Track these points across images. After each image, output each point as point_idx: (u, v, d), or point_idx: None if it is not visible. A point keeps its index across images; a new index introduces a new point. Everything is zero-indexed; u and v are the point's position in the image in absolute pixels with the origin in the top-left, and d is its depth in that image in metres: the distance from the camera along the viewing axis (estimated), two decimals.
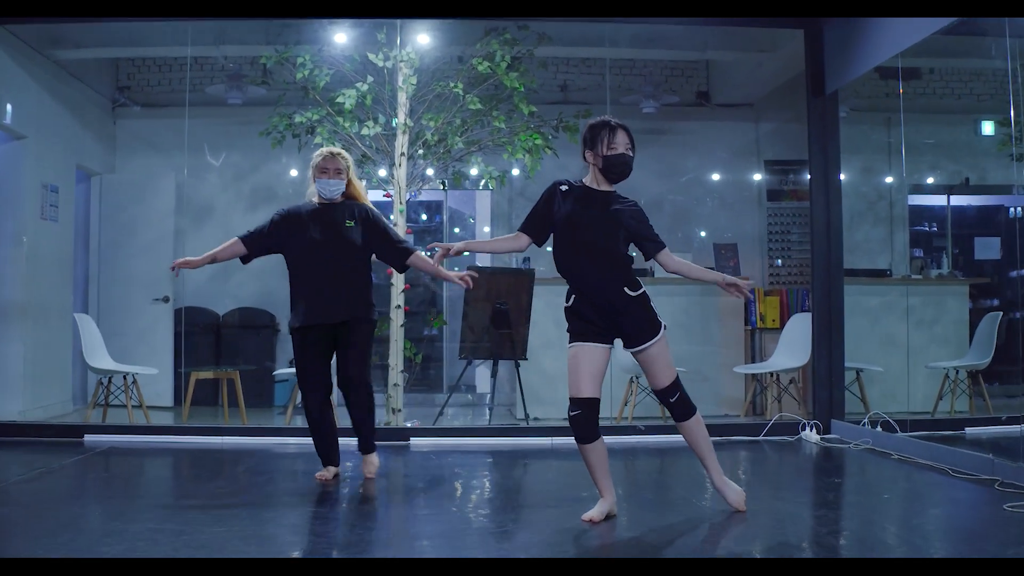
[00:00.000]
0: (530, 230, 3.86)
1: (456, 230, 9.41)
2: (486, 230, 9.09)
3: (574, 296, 3.75)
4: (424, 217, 9.41)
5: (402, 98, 6.45)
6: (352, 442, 4.82)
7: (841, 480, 5.03)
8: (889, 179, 8.76)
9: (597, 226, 3.71)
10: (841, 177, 6.72)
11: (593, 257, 3.71)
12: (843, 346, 6.52)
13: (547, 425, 6.62)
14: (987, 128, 8.54)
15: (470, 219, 9.45)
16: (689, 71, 8.95)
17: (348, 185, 4.73)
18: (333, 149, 4.74)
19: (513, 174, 8.02)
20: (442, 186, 7.01)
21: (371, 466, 4.78)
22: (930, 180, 8.82)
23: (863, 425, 6.07)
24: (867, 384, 7.02)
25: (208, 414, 7.22)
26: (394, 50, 6.43)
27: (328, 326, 4.63)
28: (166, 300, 8.12)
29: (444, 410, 7.37)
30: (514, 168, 7.78)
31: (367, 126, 6.38)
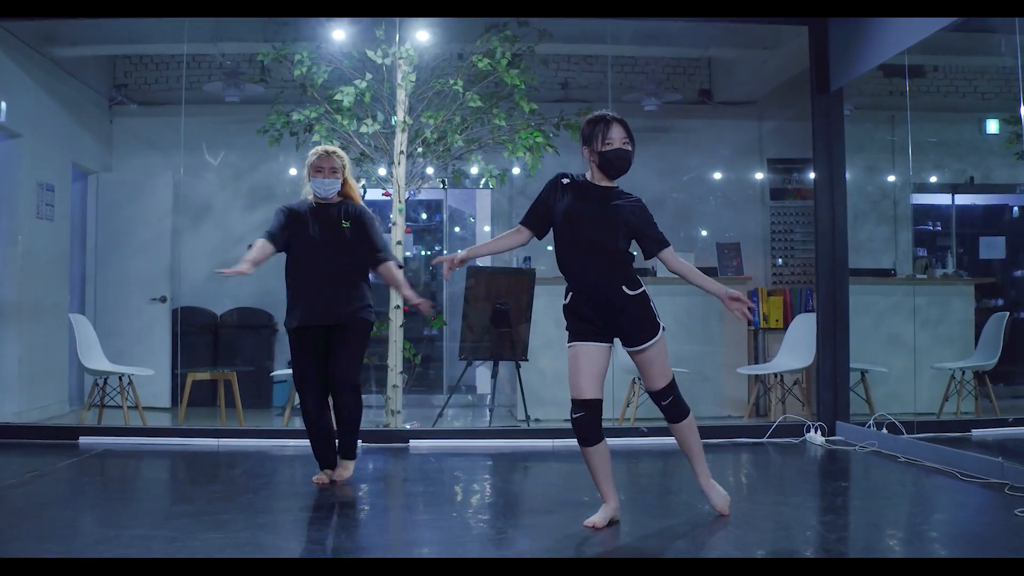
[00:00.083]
0: (530, 223, 3.81)
1: (456, 229, 9.33)
2: (486, 229, 9.01)
3: (572, 294, 3.68)
4: (424, 216, 9.33)
5: (401, 95, 6.37)
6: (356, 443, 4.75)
7: (847, 484, 4.94)
8: (891, 178, 8.68)
9: (596, 223, 3.64)
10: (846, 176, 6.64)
11: (591, 254, 3.63)
12: (848, 346, 6.44)
13: (548, 427, 6.56)
14: (992, 127, 8.48)
15: (470, 218, 9.37)
16: (691, 68, 8.88)
17: (343, 185, 4.66)
18: (328, 148, 4.67)
19: (514, 173, 7.95)
20: (442, 185, 6.93)
21: (346, 471, 4.69)
22: (934, 179, 8.75)
23: (868, 427, 5.99)
24: (871, 385, 6.95)
25: (206, 415, 7.14)
26: (393, 47, 6.35)
27: (326, 326, 4.57)
28: (163, 300, 8.06)
29: (444, 411, 7.30)
30: (515, 167, 7.71)
31: (366, 124, 6.30)
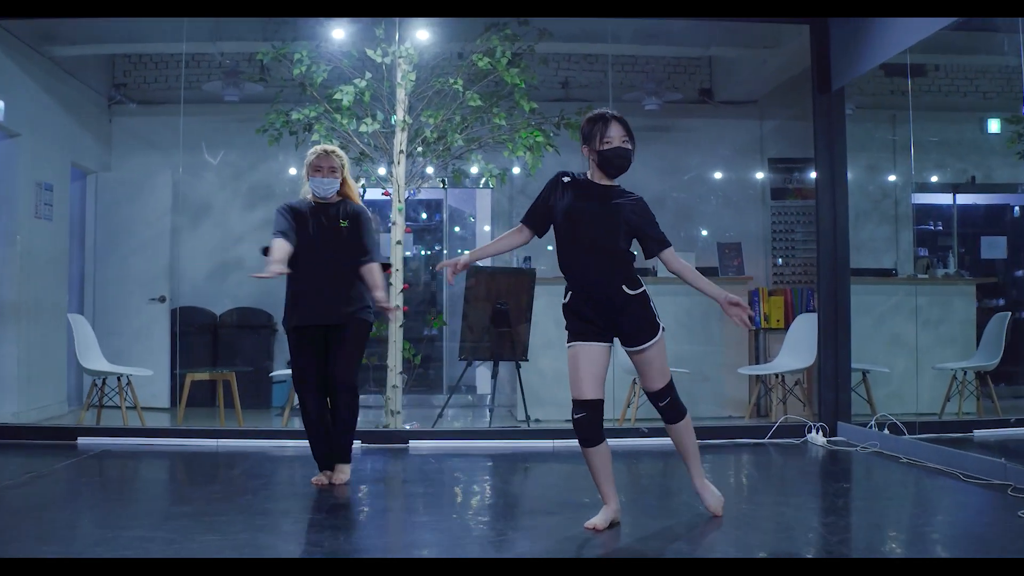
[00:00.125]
0: (530, 222, 3.79)
1: (456, 229, 9.31)
2: (486, 229, 8.98)
3: (572, 293, 3.66)
4: (424, 216, 9.30)
5: (401, 95, 6.34)
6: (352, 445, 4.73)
7: (849, 485, 4.92)
8: (892, 177, 8.66)
9: (596, 222, 3.61)
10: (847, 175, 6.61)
11: (592, 253, 3.61)
12: (849, 347, 6.42)
13: (548, 428, 6.53)
14: (993, 126, 8.45)
15: (470, 218, 9.34)
16: (692, 68, 8.85)
17: (342, 184, 4.64)
18: (327, 147, 4.64)
19: (514, 172, 7.92)
20: (442, 184, 6.90)
21: (343, 475, 4.64)
22: (935, 179, 8.72)
23: (870, 427, 5.97)
24: (872, 385, 6.92)
25: (205, 415, 7.12)
26: (393, 46, 6.32)
27: (325, 326, 4.55)
28: (162, 300, 8.03)
29: (444, 411, 7.27)
30: (515, 166, 7.68)
31: (365, 123, 6.27)
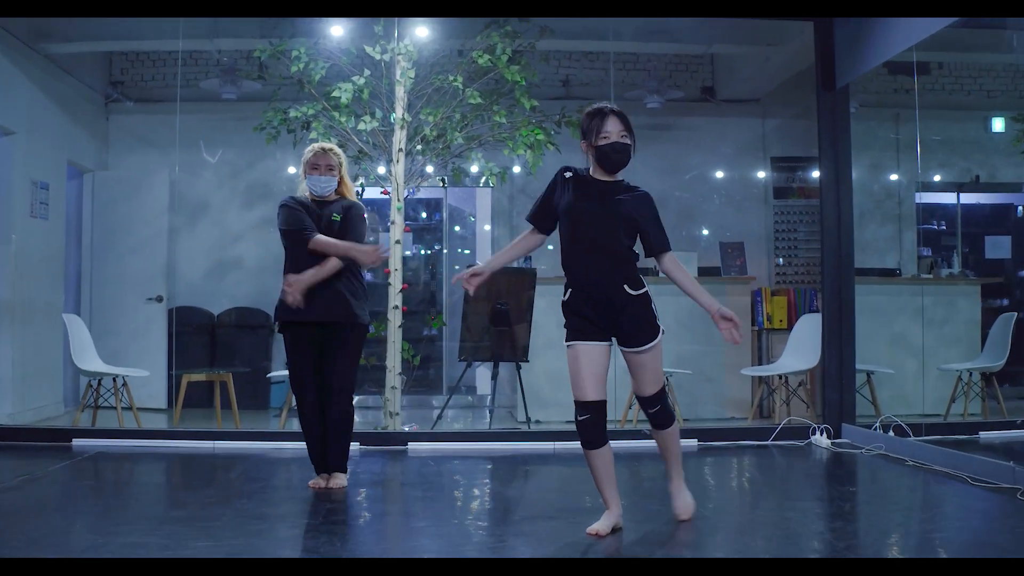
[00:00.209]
0: (535, 220, 3.73)
1: (456, 228, 9.23)
2: (486, 228, 8.90)
3: (571, 290, 3.58)
4: (423, 215, 9.23)
5: (400, 92, 6.26)
6: (351, 447, 4.65)
7: (855, 489, 4.84)
8: (894, 176, 8.59)
9: (596, 221, 3.54)
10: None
11: (592, 253, 3.53)
12: (854, 347, 6.35)
13: (549, 430, 6.45)
14: (998, 125, 8.39)
15: (470, 217, 9.26)
16: (694, 65, 8.78)
17: (340, 183, 4.57)
18: (325, 145, 4.58)
19: (514, 171, 7.85)
20: (441, 183, 6.82)
21: (340, 481, 4.56)
22: (938, 178, 8.66)
23: (874, 429, 5.89)
24: (877, 386, 6.85)
25: (202, 416, 7.05)
26: (392, 43, 6.25)
27: (320, 326, 4.47)
28: (159, 300, 7.96)
29: (443, 412, 7.20)
30: (515, 164, 7.61)
31: (364, 121, 6.19)
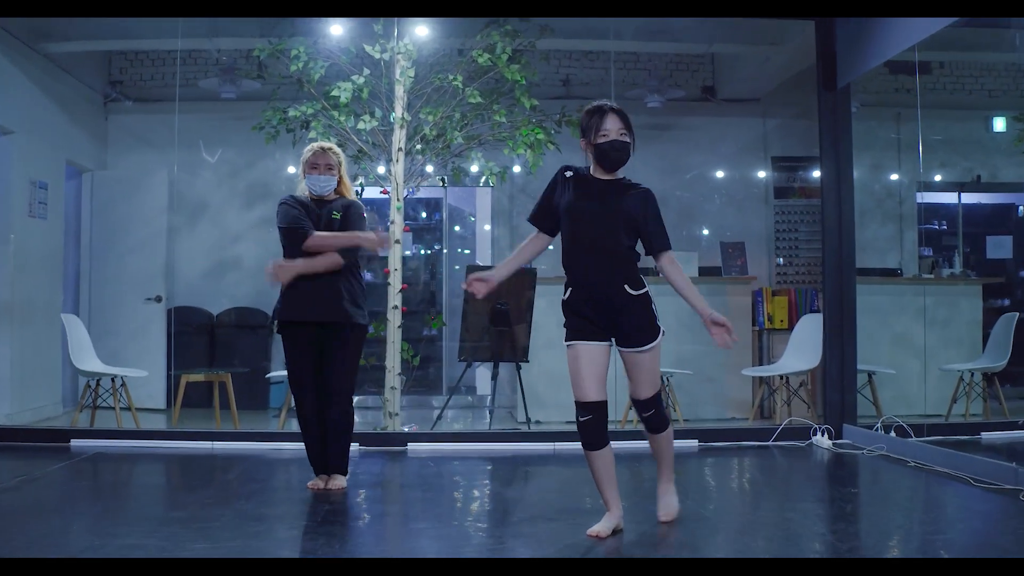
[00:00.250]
0: (537, 222, 3.70)
1: (456, 228, 9.20)
2: (486, 228, 8.88)
3: (571, 290, 3.56)
4: (423, 215, 9.20)
5: (399, 91, 6.24)
6: (351, 448, 4.63)
7: (857, 490, 4.82)
8: (895, 176, 8.56)
9: (596, 221, 3.52)
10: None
11: (592, 253, 3.51)
12: (855, 347, 6.32)
13: (549, 430, 6.43)
14: (999, 124, 8.36)
15: (470, 217, 9.24)
16: (695, 65, 8.76)
17: (339, 183, 4.54)
18: (324, 144, 4.55)
19: (514, 170, 7.82)
20: (441, 183, 6.80)
21: (338, 483, 4.54)
22: (939, 177, 8.63)
23: (876, 430, 5.87)
24: (878, 387, 6.82)
25: (201, 417, 7.03)
26: (391, 42, 6.22)
27: (320, 326, 4.45)
28: (159, 300, 7.94)
29: (443, 413, 7.18)
30: (515, 164, 7.58)
31: (363, 120, 6.17)
